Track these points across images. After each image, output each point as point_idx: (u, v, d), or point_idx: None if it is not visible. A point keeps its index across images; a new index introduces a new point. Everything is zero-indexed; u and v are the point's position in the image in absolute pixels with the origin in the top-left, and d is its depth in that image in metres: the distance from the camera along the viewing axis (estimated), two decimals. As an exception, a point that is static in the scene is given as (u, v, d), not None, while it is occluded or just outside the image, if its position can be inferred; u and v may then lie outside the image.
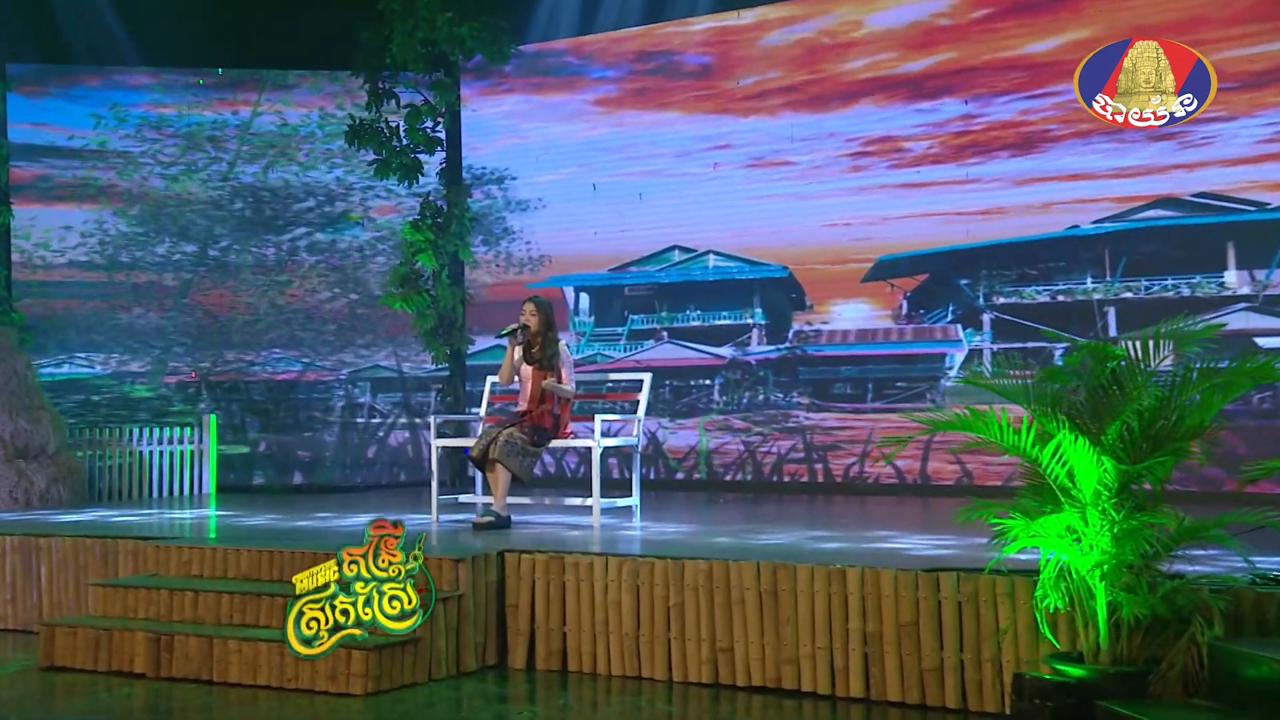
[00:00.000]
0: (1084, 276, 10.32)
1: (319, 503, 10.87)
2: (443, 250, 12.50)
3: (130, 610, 7.09)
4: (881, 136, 11.11)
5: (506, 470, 8.14)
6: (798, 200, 11.37)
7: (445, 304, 12.46)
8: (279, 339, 13.14)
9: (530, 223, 12.69)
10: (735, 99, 11.72)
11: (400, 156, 12.67)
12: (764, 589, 6.40)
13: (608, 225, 12.21)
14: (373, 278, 13.19)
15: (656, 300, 12.07)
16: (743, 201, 11.60)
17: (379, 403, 13.15)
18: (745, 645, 6.43)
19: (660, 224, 11.97)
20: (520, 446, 8.17)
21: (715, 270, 11.81)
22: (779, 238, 11.46)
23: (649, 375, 8.73)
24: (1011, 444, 5.28)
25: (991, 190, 10.56)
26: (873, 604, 6.17)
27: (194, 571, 7.34)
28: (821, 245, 11.31)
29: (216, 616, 6.89)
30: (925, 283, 10.97)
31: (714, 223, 11.74)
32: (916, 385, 10.91)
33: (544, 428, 8.33)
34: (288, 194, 13.25)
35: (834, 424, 11.24)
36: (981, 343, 10.64)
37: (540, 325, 8.44)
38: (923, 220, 10.87)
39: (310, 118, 13.34)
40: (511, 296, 12.59)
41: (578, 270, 12.43)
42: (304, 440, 13.12)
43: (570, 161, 12.49)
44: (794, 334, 11.45)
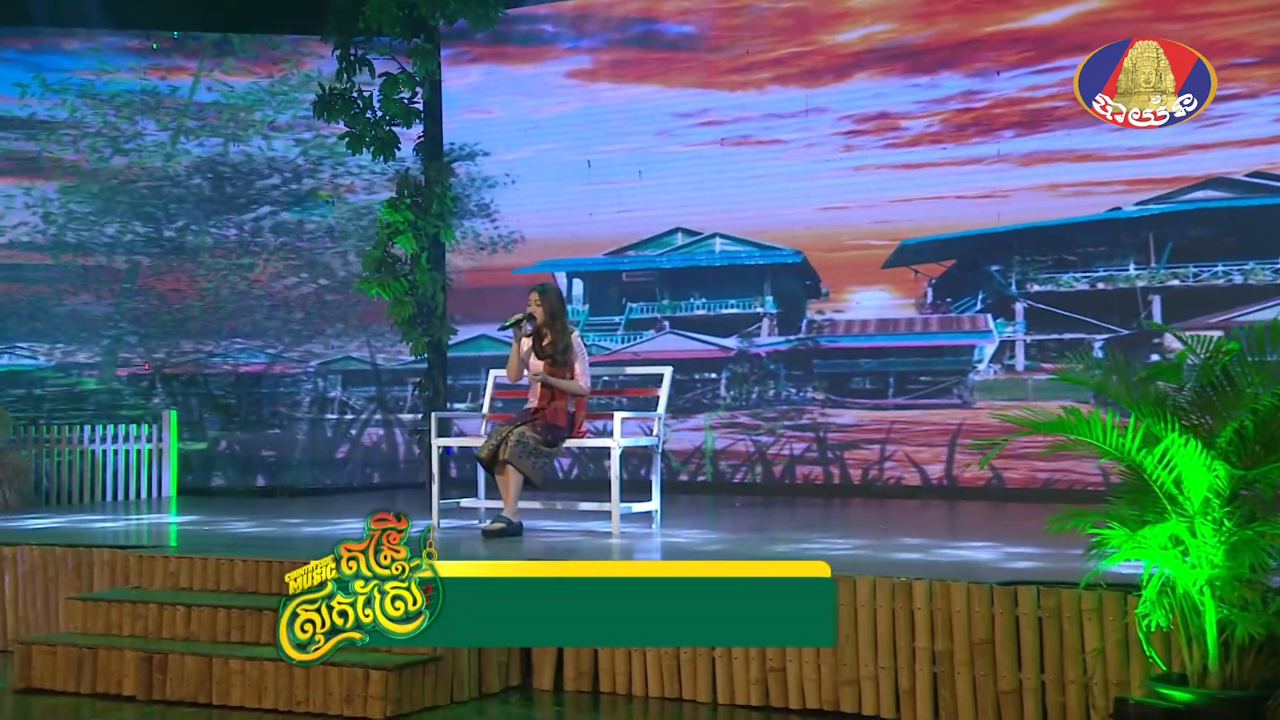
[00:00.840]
0: (1126, 262, 10.27)
1: (289, 507, 10.73)
2: (422, 232, 12.29)
3: (114, 627, 6.94)
4: (906, 110, 11.02)
5: (518, 472, 7.99)
6: (814, 179, 11.26)
7: (425, 290, 12.27)
8: (241, 328, 12.96)
9: (515, 203, 12.55)
10: (741, 69, 11.58)
11: (374, 130, 12.43)
12: None
13: (604, 205, 12.06)
14: (344, 261, 12.97)
15: (657, 287, 11.96)
16: (753, 180, 11.48)
17: (351, 397, 13.01)
18: (799, 664, 6.33)
19: (662, 204, 11.85)
20: (533, 447, 8.03)
21: (722, 254, 11.71)
22: (792, 219, 11.35)
23: (669, 369, 8.59)
24: (1115, 447, 5.14)
25: (1026, 169, 10.47)
26: (942, 620, 6.06)
27: (182, 584, 7.20)
28: (839, 227, 11.21)
29: (212, 633, 6.75)
30: (952, 269, 10.89)
31: (721, 203, 11.61)
32: (942, 380, 10.84)
33: (557, 426, 8.19)
34: (250, 170, 13.05)
35: (851, 421, 11.15)
36: (1014, 334, 10.58)
37: (547, 315, 8.30)
38: (950, 201, 10.79)
39: (278, 85, 13.09)
40: (495, 283, 12.51)
41: (570, 254, 12.29)
42: (268, 438, 12.96)
43: (558, 136, 12.34)
44: (808, 324, 11.36)
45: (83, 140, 12.95)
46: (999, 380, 10.63)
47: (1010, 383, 10.58)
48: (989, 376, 10.70)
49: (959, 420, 10.72)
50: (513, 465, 7.99)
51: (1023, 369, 10.55)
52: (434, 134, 12.84)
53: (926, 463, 10.82)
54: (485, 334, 12.58)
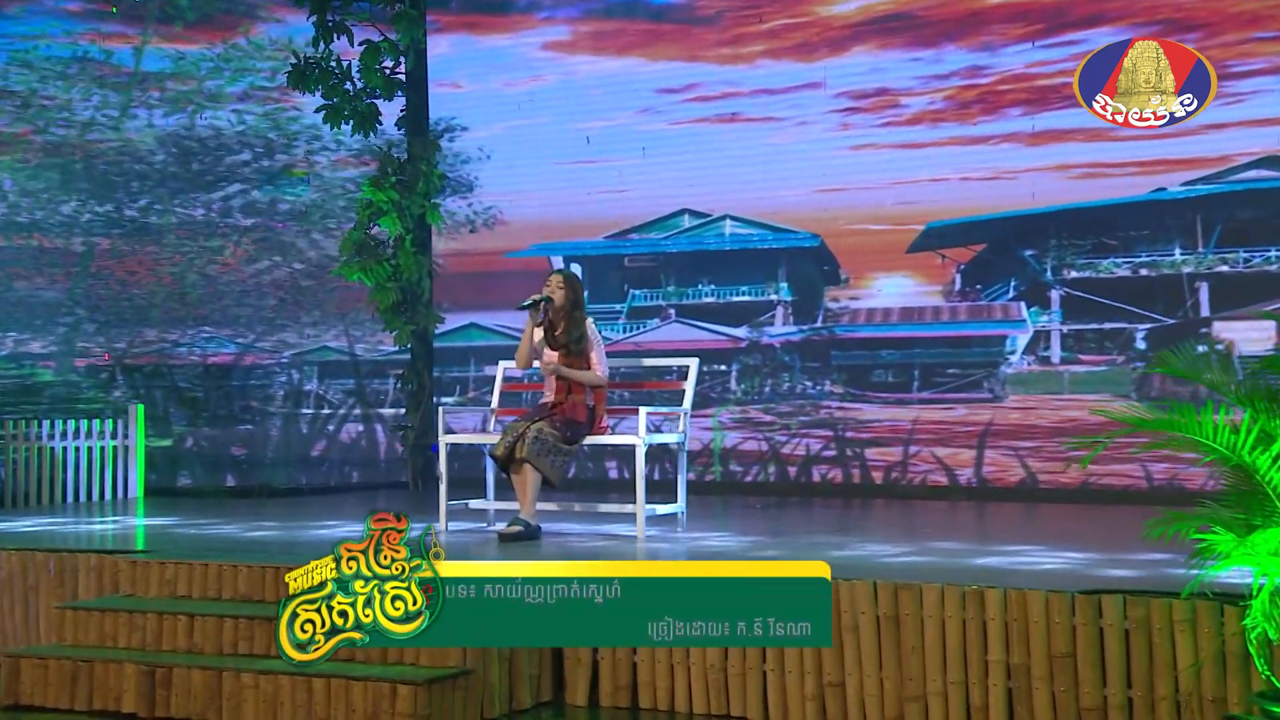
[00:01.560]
0: (1171, 247, 10.23)
1: (270, 509, 10.56)
2: (407, 213, 12.11)
3: (109, 638, 6.79)
4: (930, 85, 10.96)
5: (536, 472, 7.83)
6: (832, 156, 11.19)
7: (409, 275, 12.10)
8: (209, 315, 12.84)
9: (504, 183, 12.43)
10: (757, 39, 11.44)
11: (354, 102, 12.25)
12: (883, 613, 6.19)
13: (604, 185, 11.97)
14: (321, 244, 12.80)
15: (662, 272, 11.87)
16: (766, 157, 11.40)
17: (328, 391, 12.89)
18: (860, 679, 6.21)
19: (667, 184, 11.74)
20: (552, 444, 7.89)
21: (732, 238, 11.63)
22: (809, 200, 11.28)
23: (695, 361, 8.48)
24: (1226, 446, 5.01)
25: (1062, 146, 10.38)
26: (1018, 631, 5.96)
27: (180, 591, 7.06)
28: (860, 209, 11.13)
29: (218, 645, 6.62)
30: (982, 253, 10.84)
31: (732, 182, 11.52)
32: (971, 372, 10.78)
33: (577, 422, 8.05)
34: (219, 144, 12.88)
35: (873, 418, 11.09)
36: (1049, 323, 10.53)
37: (567, 302, 8.15)
38: (980, 181, 10.72)
39: (231, 52, 12.86)
40: (485, 268, 12.38)
41: (567, 237, 12.19)
42: (239, 435, 12.83)
43: (549, 110, 12.26)
44: (825, 312, 11.30)
45: (29, 111, 12.68)
46: (1033, 373, 10.57)
47: (1045, 376, 10.52)
48: (1022, 369, 10.64)
49: (989, 417, 10.63)
50: (530, 464, 7.84)
51: (1058, 361, 10.50)
52: (418, 107, 12.68)
53: (955, 463, 10.69)
54: (474, 323, 12.48)
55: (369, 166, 12.56)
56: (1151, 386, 10.14)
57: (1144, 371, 10.06)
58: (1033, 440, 10.46)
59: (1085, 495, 10.14)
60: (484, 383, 12.35)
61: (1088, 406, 10.20)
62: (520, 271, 12.22)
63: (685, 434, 8.39)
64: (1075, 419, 10.30)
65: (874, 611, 6.18)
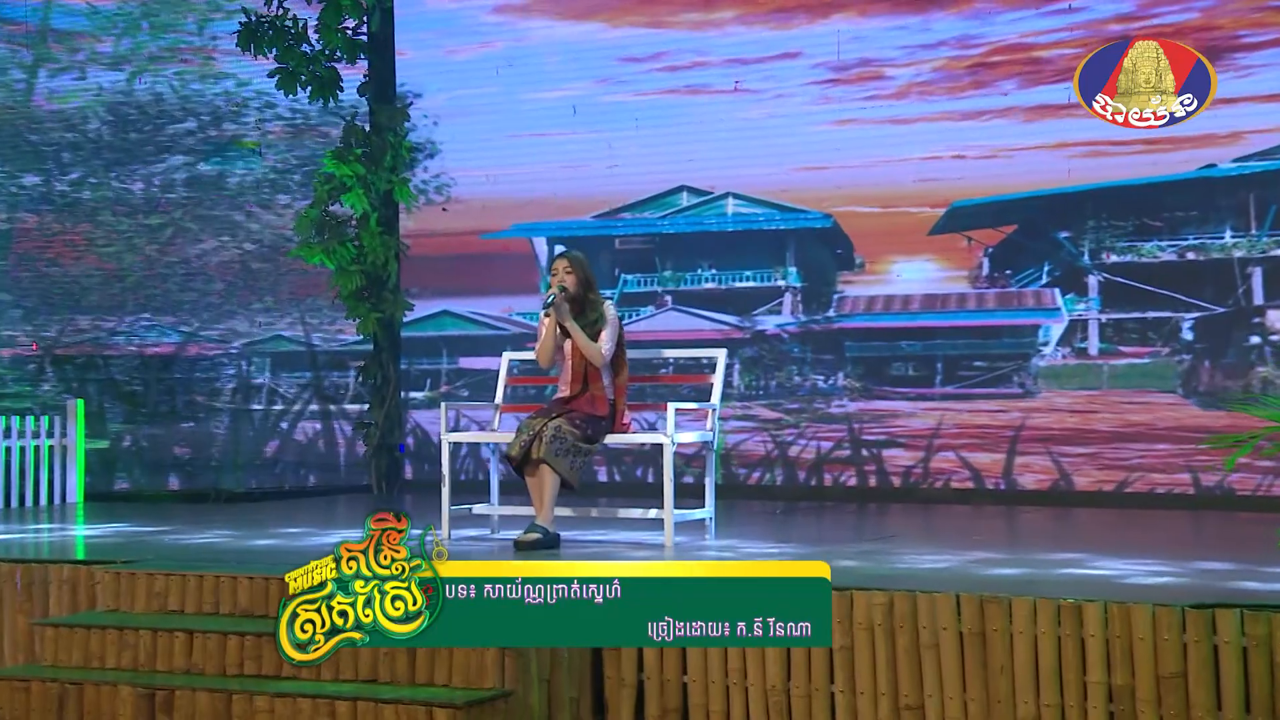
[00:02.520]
0: (1221, 228, 10.21)
1: (233, 514, 10.41)
2: (373, 189, 11.91)
3: (95, 658, 6.64)
4: (954, 46, 10.90)
5: (554, 474, 7.69)
6: (846, 127, 11.15)
7: (374, 258, 11.90)
8: (150, 301, 12.67)
9: (479, 156, 12.30)
10: (758, 0, 11.41)
11: (312, 65, 12.06)
12: (967, 629, 6.08)
13: (593, 159, 11.86)
14: (275, 223, 12.70)
15: (658, 255, 11.78)
16: (773, 129, 11.32)
17: (282, 385, 12.74)
18: (941, 701, 6.13)
19: (664, 159, 11.63)
20: (571, 443, 7.77)
21: (735, 218, 11.54)
22: (820, 176, 11.22)
23: (723, 352, 8.43)
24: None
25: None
26: (1122, 649, 5.87)
27: (171, 605, 6.92)
28: (876, 186, 11.07)
29: (221, 664, 6.48)
30: (1013, 235, 10.79)
31: (734, 156, 11.43)
32: (1000, 365, 10.76)
33: (598, 418, 7.94)
34: (160, 111, 12.66)
35: (890, 415, 11.05)
36: (1086, 312, 10.53)
37: (580, 284, 8.04)
38: (1010, 156, 10.69)
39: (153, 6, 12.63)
40: (458, 249, 12.32)
41: (551, 216, 12.08)
42: (183, 433, 12.71)
43: (528, 78, 12.14)
44: (838, 300, 11.22)
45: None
46: (1068, 366, 10.56)
47: (1082, 369, 10.51)
48: (1056, 362, 10.61)
49: (1020, 414, 10.61)
50: (549, 465, 7.69)
51: (1096, 353, 10.49)
52: (383, 72, 12.53)
53: (982, 465, 10.66)
54: (447, 310, 12.35)
55: (328, 138, 12.34)
56: (1199, 381, 10.13)
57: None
58: (1067, 440, 10.40)
59: (1127, 500, 10.11)
60: (458, 376, 12.22)
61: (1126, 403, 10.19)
62: (498, 254, 12.15)
63: (715, 432, 8.28)
64: (1114, 417, 10.27)
65: (957, 626, 6.07)
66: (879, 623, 6.18)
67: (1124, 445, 10.24)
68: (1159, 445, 10.16)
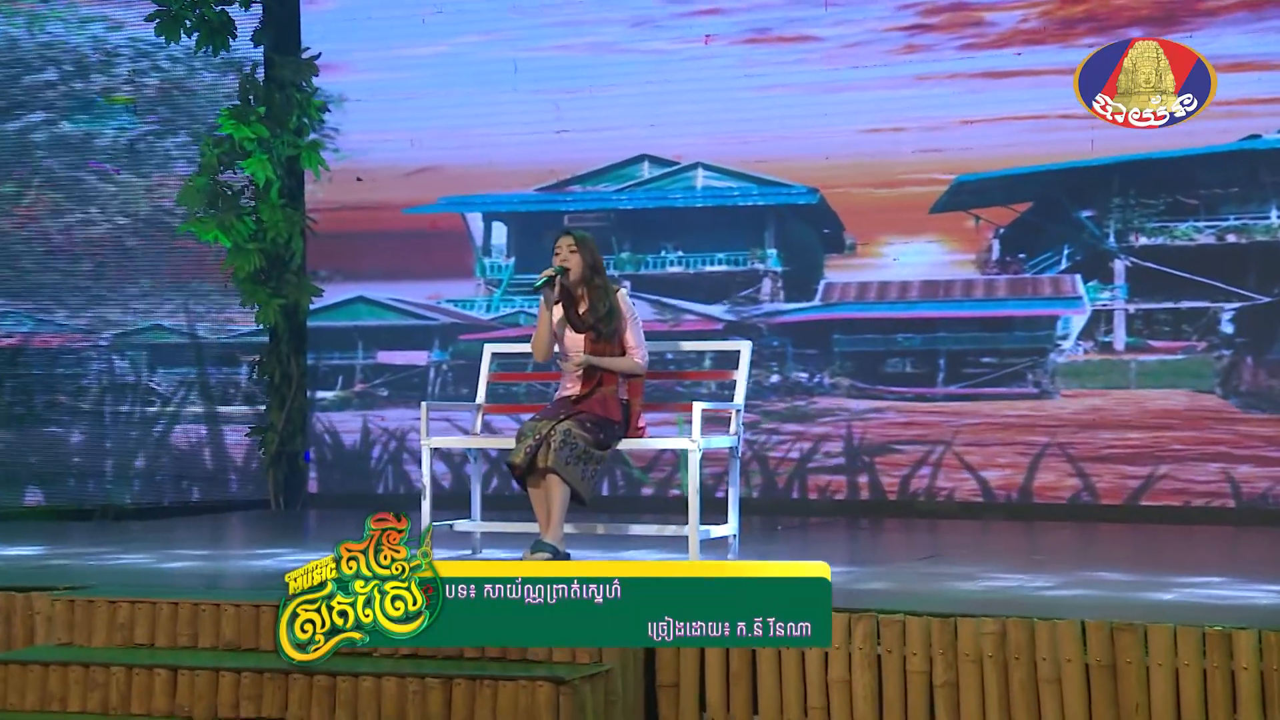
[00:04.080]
0: (1266, 207, 10.36)
1: (107, 534, 10.34)
2: (275, 155, 11.80)
3: (54, 699, 6.54)
4: (957, 9, 10.97)
5: (564, 484, 7.60)
6: (833, 92, 11.15)
7: (276, 235, 11.82)
8: (2, 284, 12.32)
9: (400, 118, 12.18)
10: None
11: (199, 8, 11.95)
12: (1095, 660, 6.07)
13: (537, 124, 11.77)
14: (154, 193, 12.42)
15: (614, 235, 11.74)
16: (749, 92, 11.31)
17: (160, 382, 12.50)
18: (1069, 741, 6.06)
19: (622, 123, 11.63)
20: (582, 449, 7.66)
21: (706, 192, 11.55)
22: (804, 145, 11.23)
23: (747, 344, 8.38)
24: None
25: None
26: (1277, 684, 5.81)
27: (139, 639, 6.84)
28: (869, 158, 11.11)
29: (212, 709, 6.41)
30: (1027, 215, 10.87)
31: (705, 123, 11.43)
32: (1012, 362, 10.88)
33: (611, 421, 7.91)
34: (14, 60, 12.33)
35: (886, 417, 11.09)
36: (1112, 301, 10.66)
37: (585, 269, 7.96)
38: (1022, 125, 10.74)
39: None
40: (374, 227, 12.24)
41: (487, 188, 12.00)
42: (40, 439, 12.37)
43: (465, 26, 12.04)
44: (826, 287, 11.24)
45: None
46: (1090, 363, 10.70)
47: (1106, 366, 10.65)
48: (1077, 358, 10.72)
49: (1035, 416, 10.68)
50: (559, 475, 7.59)
51: (1123, 348, 10.61)
52: (283, 16, 12.43)
53: (992, 473, 10.79)
54: (363, 296, 12.29)
55: (216, 94, 12.26)
56: (1240, 380, 10.26)
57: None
58: (1089, 446, 10.49)
59: (1163, 515, 10.23)
60: (376, 373, 12.06)
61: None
62: (424, 232, 12.04)
63: (739, 437, 8.23)
64: (1142, 419, 10.37)
65: (1082, 658, 6.08)
66: (990, 654, 6.18)
67: (1153, 452, 10.32)
68: (1193, 452, 10.25)
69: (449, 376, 11.89)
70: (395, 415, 11.87)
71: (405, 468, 11.82)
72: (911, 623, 6.27)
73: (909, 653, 6.26)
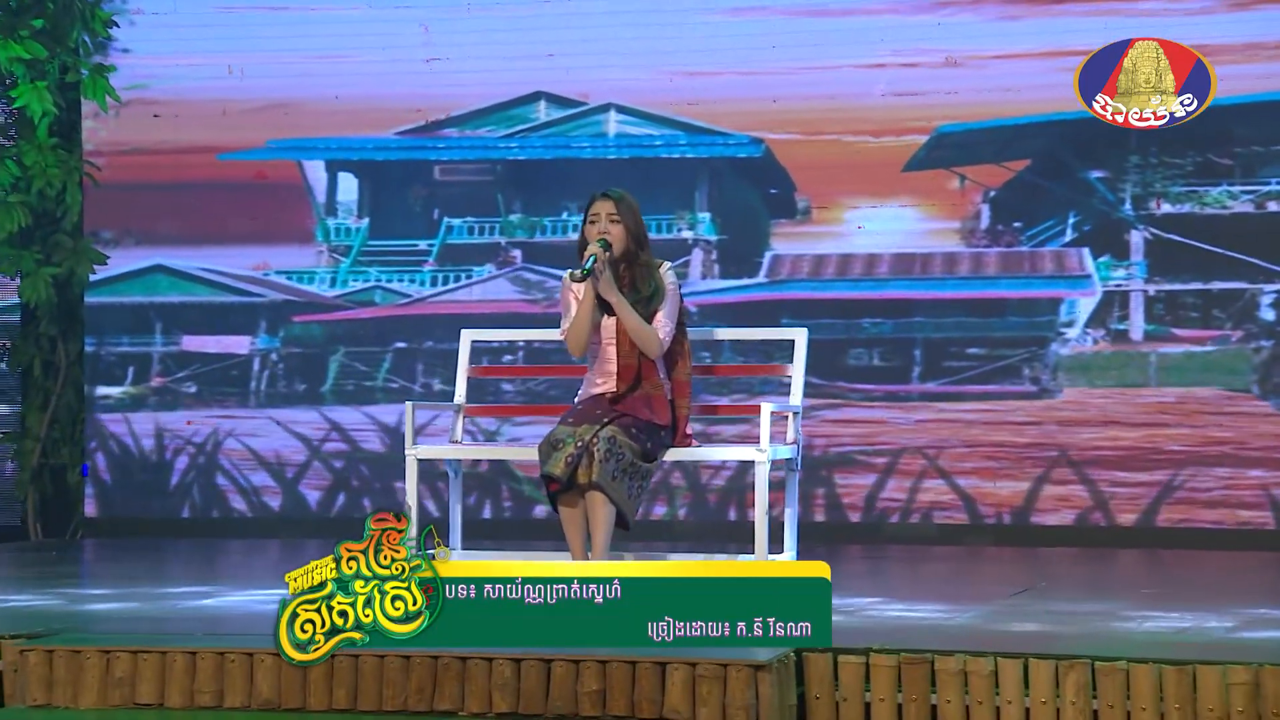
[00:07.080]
0: (1315, 170, 10.90)
1: None
2: (52, 80, 11.86)
3: None
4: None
5: (610, 504, 7.71)
6: (783, 17, 11.32)
7: (46, 185, 11.75)
8: None
9: (213, 34, 12.13)
10: None
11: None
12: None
13: (399, 50, 11.78)
14: None
15: (500, 191, 11.84)
16: (677, 14, 11.43)
17: None
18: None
19: (510, 53, 11.67)
20: (629, 461, 7.78)
21: (620, 141, 11.70)
22: (746, 84, 11.43)
23: (803, 331, 8.50)
24: None
25: (1142, 13, 10.76)
26: None
27: (143, 698, 7.03)
28: (828, 101, 11.30)
29: None
30: (1025, 174, 11.16)
31: (620, 53, 11.53)
32: (1005, 354, 11.13)
33: (658, 427, 8.09)
34: None
35: (847, 421, 11.26)
36: (1128, 280, 10.95)
37: (630, 241, 8.06)
38: (1017, 62, 10.99)
39: None
40: (175, 177, 12.19)
41: (333, 131, 12.00)
42: None
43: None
44: (773, 260, 11.41)
45: None
46: (1101, 355, 11.01)
47: (1120, 359, 10.96)
48: (1085, 348, 11.06)
49: (1033, 421, 10.94)
50: (604, 492, 7.69)
51: (1141, 338, 10.90)
52: None
53: (979, 490, 11.05)
54: (162, 265, 12.16)
55: None
56: (1283, 375, 10.67)
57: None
58: (1100, 456, 10.78)
59: (1186, 538, 10.52)
60: (184, 363, 11.95)
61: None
62: (246, 184, 12.03)
63: (799, 445, 8.35)
64: (1164, 423, 10.68)
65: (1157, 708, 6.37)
66: (1240, 708, 6.36)
67: (1177, 462, 10.64)
68: (1228, 459, 10.56)
69: (280, 369, 11.79)
70: (206, 418, 11.67)
71: (219, 486, 11.67)
72: (1138, 671, 6.44)
73: (1135, 707, 6.43)
